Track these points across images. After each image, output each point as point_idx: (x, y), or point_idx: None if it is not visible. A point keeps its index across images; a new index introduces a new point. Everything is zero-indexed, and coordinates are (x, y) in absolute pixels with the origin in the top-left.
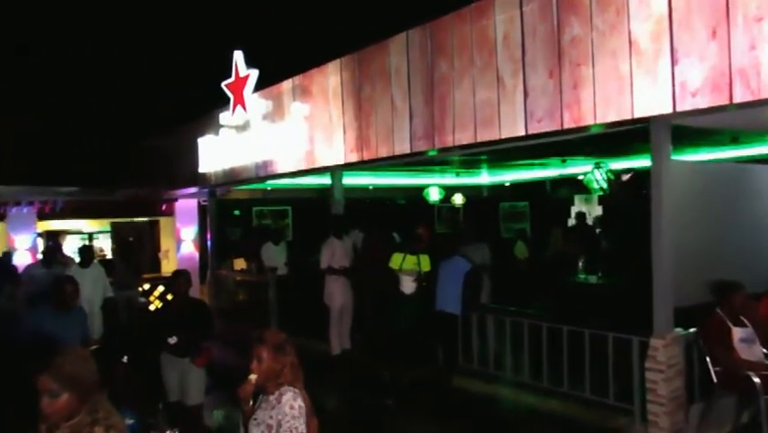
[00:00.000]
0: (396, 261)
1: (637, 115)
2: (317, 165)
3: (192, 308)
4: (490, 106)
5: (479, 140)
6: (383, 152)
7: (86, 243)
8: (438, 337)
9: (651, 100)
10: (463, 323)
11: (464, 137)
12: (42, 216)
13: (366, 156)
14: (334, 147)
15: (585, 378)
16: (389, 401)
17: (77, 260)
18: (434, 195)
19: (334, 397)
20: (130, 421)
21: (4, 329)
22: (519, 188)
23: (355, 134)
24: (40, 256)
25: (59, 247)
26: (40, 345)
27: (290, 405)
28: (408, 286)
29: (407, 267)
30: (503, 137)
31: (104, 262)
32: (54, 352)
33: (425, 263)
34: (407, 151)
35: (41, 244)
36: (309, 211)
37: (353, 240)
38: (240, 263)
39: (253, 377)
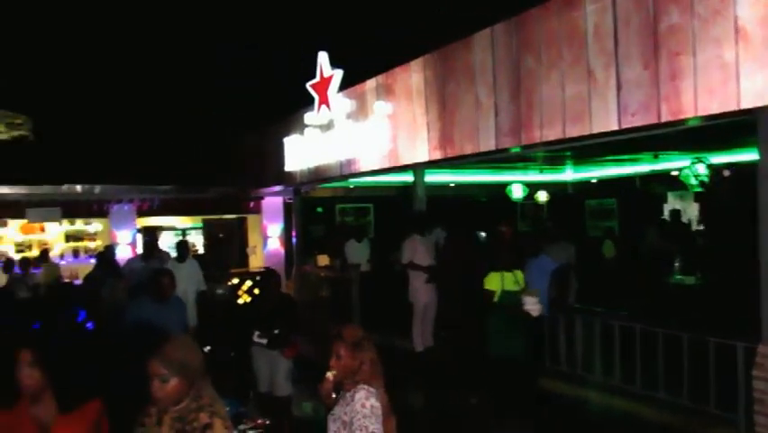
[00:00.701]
0: (494, 282)
1: (744, 105)
2: (400, 163)
3: (281, 303)
4: (580, 101)
5: (567, 135)
6: (468, 150)
7: (182, 238)
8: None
9: (760, 89)
10: (550, 323)
11: (552, 133)
12: (141, 213)
13: (450, 153)
14: (418, 145)
15: (683, 384)
16: (473, 400)
17: (174, 255)
18: (517, 192)
19: (417, 394)
20: (226, 409)
21: (110, 319)
22: (606, 185)
23: (439, 132)
24: (140, 250)
25: (155, 242)
26: (142, 334)
27: (362, 403)
28: (535, 309)
29: (509, 287)
30: (594, 132)
31: (195, 256)
32: (163, 338)
33: (521, 278)
34: (492, 147)
35: (139, 239)
36: (391, 209)
37: (435, 238)
38: (323, 260)
39: (331, 374)
